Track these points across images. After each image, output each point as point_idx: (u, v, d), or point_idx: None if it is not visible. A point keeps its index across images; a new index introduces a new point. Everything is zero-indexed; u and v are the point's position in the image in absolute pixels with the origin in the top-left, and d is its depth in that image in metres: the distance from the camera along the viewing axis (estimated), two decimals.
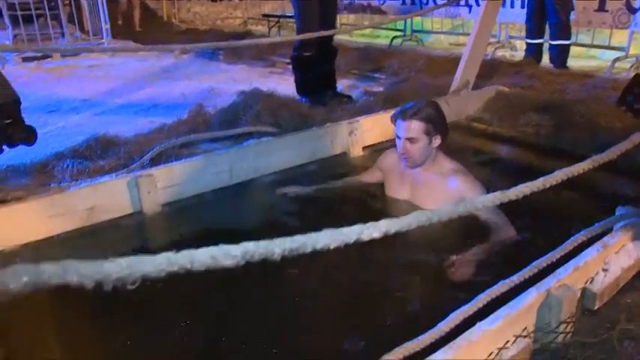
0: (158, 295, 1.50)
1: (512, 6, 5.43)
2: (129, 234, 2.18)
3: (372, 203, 2.25)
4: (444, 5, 5.27)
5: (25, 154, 2.77)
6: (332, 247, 0.75)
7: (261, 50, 6.27)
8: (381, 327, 1.51)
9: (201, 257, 0.63)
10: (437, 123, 2.00)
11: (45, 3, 7.25)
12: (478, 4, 5.85)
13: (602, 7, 4.75)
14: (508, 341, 1.23)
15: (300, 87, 3.76)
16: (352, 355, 1.38)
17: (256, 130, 2.73)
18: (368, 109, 3.25)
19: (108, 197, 2.17)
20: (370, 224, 0.79)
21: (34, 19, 7.32)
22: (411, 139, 1.98)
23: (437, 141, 2.02)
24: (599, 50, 5.47)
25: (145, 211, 2.22)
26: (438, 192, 2.01)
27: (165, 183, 2.30)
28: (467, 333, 1.16)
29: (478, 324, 1.19)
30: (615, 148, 1.31)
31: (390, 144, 2.98)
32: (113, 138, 2.98)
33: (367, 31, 7.98)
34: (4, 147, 2.44)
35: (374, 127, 2.91)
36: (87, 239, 2.10)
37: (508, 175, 2.69)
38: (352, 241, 0.76)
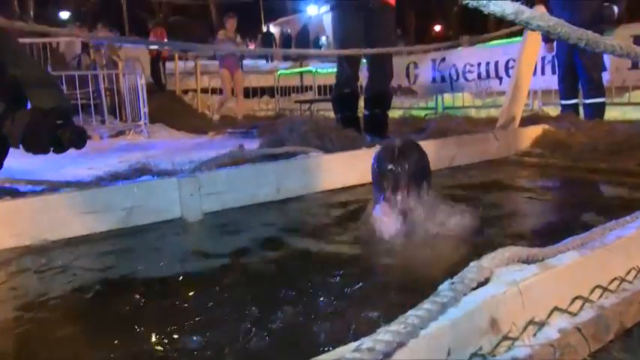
0: None
1: (542, 73, 5.51)
2: (171, 233, 2.03)
3: None
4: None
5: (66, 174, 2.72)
6: None
7: None
8: None
9: None
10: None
11: (90, 94, 7.84)
12: (509, 76, 5.97)
13: (635, 65, 4.77)
14: None
15: (343, 126, 3.64)
16: None
17: (302, 151, 2.63)
18: None
19: (148, 198, 2.06)
20: None
21: (79, 108, 7.79)
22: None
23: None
24: (636, 113, 5.41)
25: (185, 215, 2.09)
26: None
27: (208, 189, 2.18)
28: (599, 237, 0.94)
29: (609, 232, 0.97)
30: None
31: (439, 171, 2.85)
32: (153, 167, 2.94)
33: (399, 112, 8.19)
34: (52, 149, 2.36)
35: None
36: (127, 238, 1.96)
37: (575, 200, 2.46)
38: None
